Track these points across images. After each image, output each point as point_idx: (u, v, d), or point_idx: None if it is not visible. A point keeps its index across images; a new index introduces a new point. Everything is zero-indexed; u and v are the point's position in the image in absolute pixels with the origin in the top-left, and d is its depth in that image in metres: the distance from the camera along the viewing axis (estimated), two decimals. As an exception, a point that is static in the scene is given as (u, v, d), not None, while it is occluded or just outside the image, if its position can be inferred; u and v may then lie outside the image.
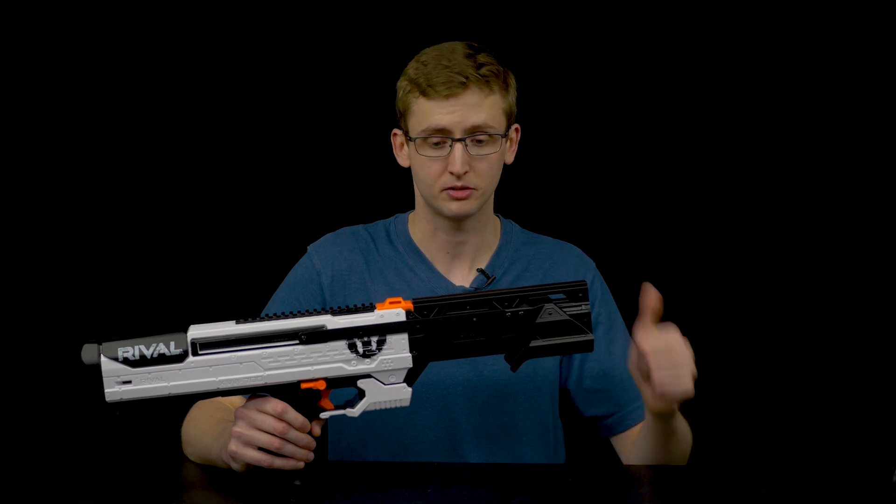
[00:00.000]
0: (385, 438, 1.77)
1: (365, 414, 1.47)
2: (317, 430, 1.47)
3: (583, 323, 1.47)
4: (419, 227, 1.81)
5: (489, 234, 1.82)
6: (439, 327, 1.46)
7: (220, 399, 1.69)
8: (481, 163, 1.70)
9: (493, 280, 1.79)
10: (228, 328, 1.45)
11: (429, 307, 1.46)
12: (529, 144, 1.88)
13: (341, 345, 1.45)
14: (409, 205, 1.84)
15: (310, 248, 1.82)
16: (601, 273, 1.85)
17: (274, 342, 1.45)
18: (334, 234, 1.84)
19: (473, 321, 1.46)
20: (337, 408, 1.48)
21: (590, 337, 1.47)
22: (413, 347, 1.45)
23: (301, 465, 1.46)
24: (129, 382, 1.44)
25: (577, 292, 1.48)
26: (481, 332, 1.46)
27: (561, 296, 1.48)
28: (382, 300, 1.48)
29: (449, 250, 1.80)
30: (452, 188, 1.70)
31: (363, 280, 1.78)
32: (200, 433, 1.64)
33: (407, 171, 1.79)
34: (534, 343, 1.46)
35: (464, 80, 1.68)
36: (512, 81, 1.75)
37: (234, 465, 1.49)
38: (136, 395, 1.44)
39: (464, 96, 1.69)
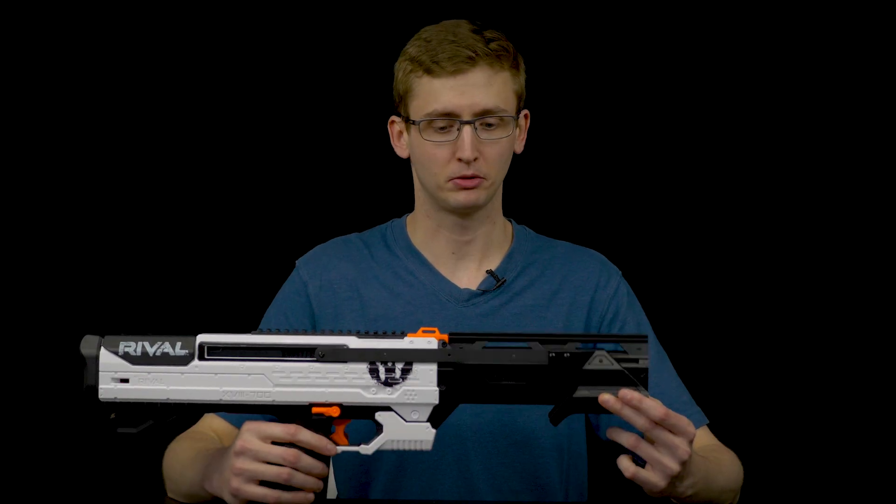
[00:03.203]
0: (389, 453, 1.57)
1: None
2: (332, 450, 1.31)
3: (638, 378, 1.29)
4: (420, 227, 1.64)
5: (498, 231, 1.65)
6: (473, 363, 1.29)
7: (199, 428, 1.55)
8: (491, 148, 1.53)
9: (503, 283, 1.62)
10: (241, 336, 1.31)
11: (465, 340, 1.31)
12: (546, 143, 1.80)
13: (362, 368, 1.30)
14: (405, 209, 1.70)
15: (298, 261, 1.67)
16: (629, 283, 1.69)
17: (288, 356, 1.30)
18: (324, 244, 1.69)
19: (513, 357, 1.29)
20: (350, 444, 1.32)
21: (643, 392, 1.29)
22: (441, 382, 1.29)
23: (311, 498, 1.30)
24: (127, 381, 1.30)
25: (636, 345, 1.30)
26: (520, 374, 1.29)
27: (618, 346, 1.31)
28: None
29: (454, 250, 1.62)
30: (461, 177, 1.53)
31: (355, 287, 1.62)
32: (181, 467, 1.48)
33: (402, 173, 1.64)
34: (579, 393, 1.28)
35: (472, 54, 1.51)
36: (522, 62, 1.60)
37: (232, 501, 1.32)
38: (132, 396, 1.29)
39: (472, 73, 1.52)
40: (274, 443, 1.29)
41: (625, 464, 1.32)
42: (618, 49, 2.35)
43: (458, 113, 1.52)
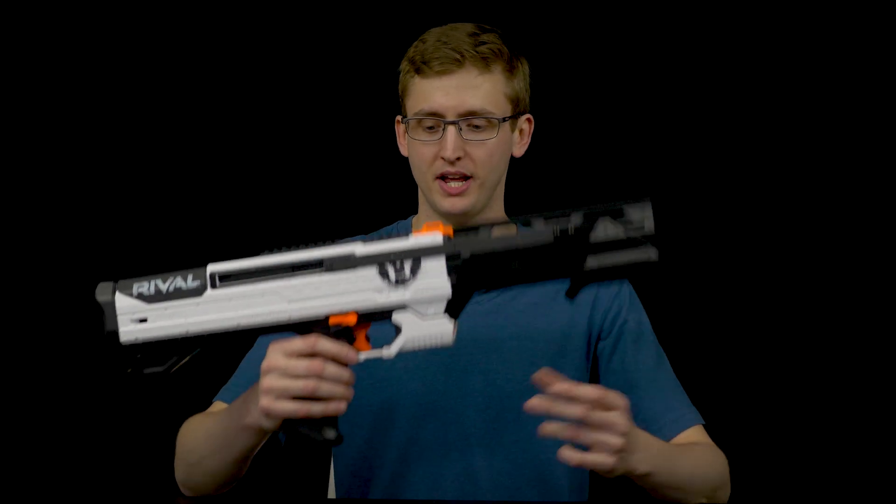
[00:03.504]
0: (391, 448, 1.62)
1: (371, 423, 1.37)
2: (353, 356, 1.31)
3: (644, 241, 1.29)
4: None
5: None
6: (480, 251, 1.30)
7: (209, 411, 1.57)
8: (478, 149, 1.56)
9: None
10: (250, 260, 1.33)
11: (469, 229, 1.31)
12: (547, 144, 1.81)
13: (371, 272, 1.31)
14: (411, 211, 1.72)
15: None
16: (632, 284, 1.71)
17: (298, 272, 1.31)
18: None
19: (518, 239, 1.29)
20: (373, 349, 1.33)
21: (653, 253, 1.28)
22: (451, 273, 1.30)
23: (343, 407, 1.30)
24: (145, 321, 1.32)
25: (639, 208, 1.30)
26: (528, 255, 1.30)
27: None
28: None
29: None
30: (444, 176, 1.57)
31: None
32: (205, 432, 1.48)
33: (408, 175, 1.67)
34: (589, 264, 1.28)
35: (458, 56, 1.56)
36: (521, 66, 1.63)
37: (267, 424, 1.33)
38: (152, 335, 1.31)
39: (458, 74, 1.56)
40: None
41: (567, 454, 1.31)
42: (618, 50, 2.37)
43: (443, 113, 1.56)
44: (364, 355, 1.33)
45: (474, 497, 1.60)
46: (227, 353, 1.63)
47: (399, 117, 1.66)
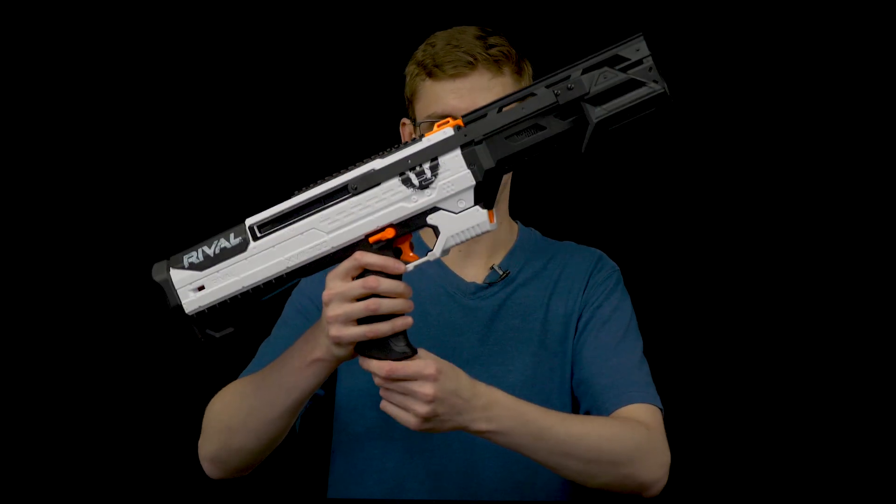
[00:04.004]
0: (393, 441, 1.64)
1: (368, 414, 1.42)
2: (401, 267, 1.35)
3: (647, 76, 1.27)
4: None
5: (505, 231, 1.71)
6: (490, 131, 1.31)
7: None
8: None
9: (506, 275, 1.67)
10: (282, 205, 1.37)
11: (476, 113, 1.32)
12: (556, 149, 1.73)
13: (395, 182, 1.33)
14: None
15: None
16: (629, 288, 1.71)
17: (328, 203, 1.35)
18: None
19: (523, 109, 1.30)
20: (420, 257, 1.36)
21: (659, 87, 1.27)
22: (470, 162, 1.31)
23: (409, 321, 1.34)
24: (203, 288, 1.37)
25: (633, 46, 1.28)
26: (538, 125, 1.30)
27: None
28: None
29: (461, 247, 1.67)
30: None
31: None
32: (253, 388, 1.49)
33: None
34: (597, 116, 1.28)
35: (471, 59, 1.58)
36: (527, 68, 1.64)
37: (340, 352, 1.37)
38: (215, 298, 1.37)
39: (471, 77, 1.58)
40: None
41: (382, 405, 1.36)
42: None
43: (456, 115, 1.53)
44: (412, 265, 1.36)
45: (477, 495, 1.62)
46: (287, 294, 1.69)
47: (405, 120, 1.68)
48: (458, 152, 1.32)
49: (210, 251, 1.37)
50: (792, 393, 2.26)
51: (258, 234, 1.37)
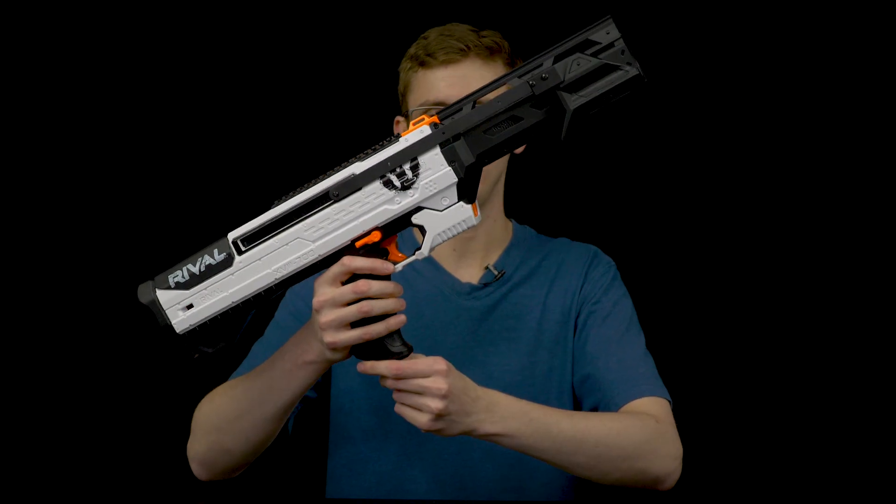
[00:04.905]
0: (389, 443, 1.64)
1: (364, 416, 1.43)
2: (389, 267, 1.34)
3: (619, 59, 1.27)
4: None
5: (499, 230, 1.70)
6: (468, 128, 1.30)
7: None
8: None
9: (502, 275, 1.67)
10: (263, 216, 1.36)
11: (452, 109, 1.32)
12: (547, 145, 1.77)
13: (377, 186, 1.33)
14: None
15: None
16: (628, 285, 1.71)
17: (310, 211, 1.34)
18: None
19: (499, 103, 1.29)
20: (408, 256, 1.36)
21: (633, 70, 1.27)
22: (450, 159, 1.31)
23: (402, 319, 1.34)
24: (192, 307, 1.36)
25: (602, 29, 1.28)
26: (515, 116, 1.30)
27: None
28: None
29: (456, 247, 1.68)
30: None
31: None
32: (242, 391, 1.48)
33: None
34: (574, 103, 1.28)
35: (464, 47, 1.57)
36: (521, 63, 1.60)
37: (334, 356, 1.37)
38: (203, 316, 1.36)
39: (463, 64, 1.58)
40: None
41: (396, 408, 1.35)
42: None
43: (448, 102, 1.54)
44: (401, 264, 1.36)
45: (473, 497, 1.62)
46: (276, 305, 1.68)
47: (398, 118, 1.67)
48: (437, 150, 1.32)
49: (195, 269, 1.36)
50: (790, 385, 2.26)
51: (242, 248, 1.35)
